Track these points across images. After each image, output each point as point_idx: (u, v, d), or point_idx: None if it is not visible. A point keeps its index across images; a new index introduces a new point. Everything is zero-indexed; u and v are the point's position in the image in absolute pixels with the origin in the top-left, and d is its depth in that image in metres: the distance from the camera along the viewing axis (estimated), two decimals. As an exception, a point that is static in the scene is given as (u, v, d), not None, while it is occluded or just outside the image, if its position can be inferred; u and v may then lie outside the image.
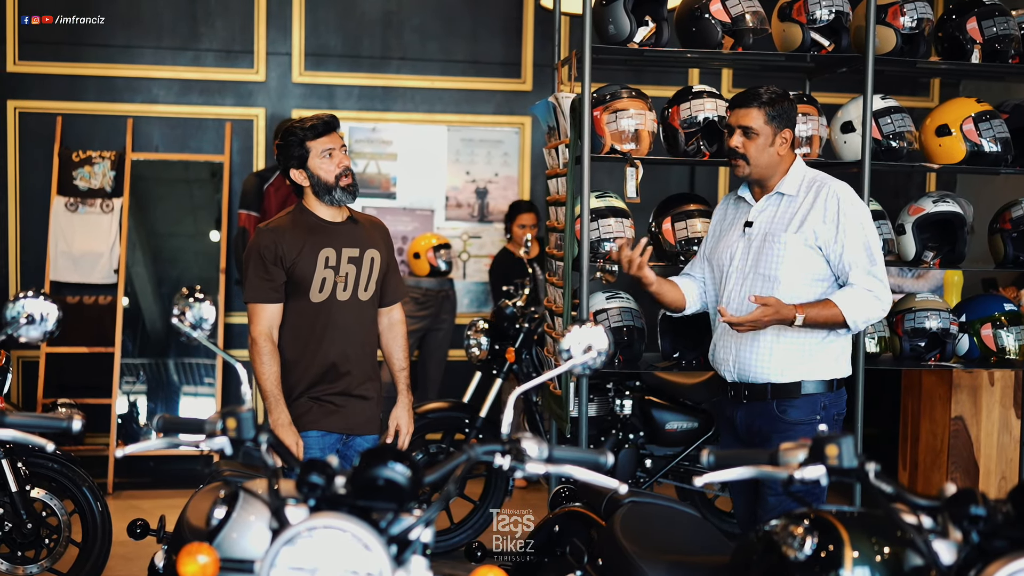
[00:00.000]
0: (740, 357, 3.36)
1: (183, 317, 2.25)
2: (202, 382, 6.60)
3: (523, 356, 5.31)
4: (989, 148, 4.17)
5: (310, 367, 3.47)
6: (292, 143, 3.42)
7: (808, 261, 3.29)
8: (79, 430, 2.30)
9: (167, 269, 6.70)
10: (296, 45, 6.82)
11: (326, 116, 3.47)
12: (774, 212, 3.37)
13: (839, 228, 3.25)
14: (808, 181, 3.37)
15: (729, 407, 3.44)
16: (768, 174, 3.37)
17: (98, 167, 6.57)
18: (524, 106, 7.04)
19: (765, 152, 3.33)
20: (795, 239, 3.29)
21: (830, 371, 3.34)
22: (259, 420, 2.06)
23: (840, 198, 3.28)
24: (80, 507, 4.37)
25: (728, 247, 3.44)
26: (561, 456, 2.12)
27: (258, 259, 3.44)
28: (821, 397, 3.33)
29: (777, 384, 3.31)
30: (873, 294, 3.25)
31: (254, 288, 3.45)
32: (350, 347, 3.50)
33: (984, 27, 4.16)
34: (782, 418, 3.31)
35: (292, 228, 3.46)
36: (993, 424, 5.15)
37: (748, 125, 3.32)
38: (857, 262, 3.25)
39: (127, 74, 6.70)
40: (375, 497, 1.89)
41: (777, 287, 3.29)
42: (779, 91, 3.37)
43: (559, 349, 2.23)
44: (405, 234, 6.90)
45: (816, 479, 2.00)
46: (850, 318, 3.23)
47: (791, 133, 3.35)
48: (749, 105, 3.33)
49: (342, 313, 3.48)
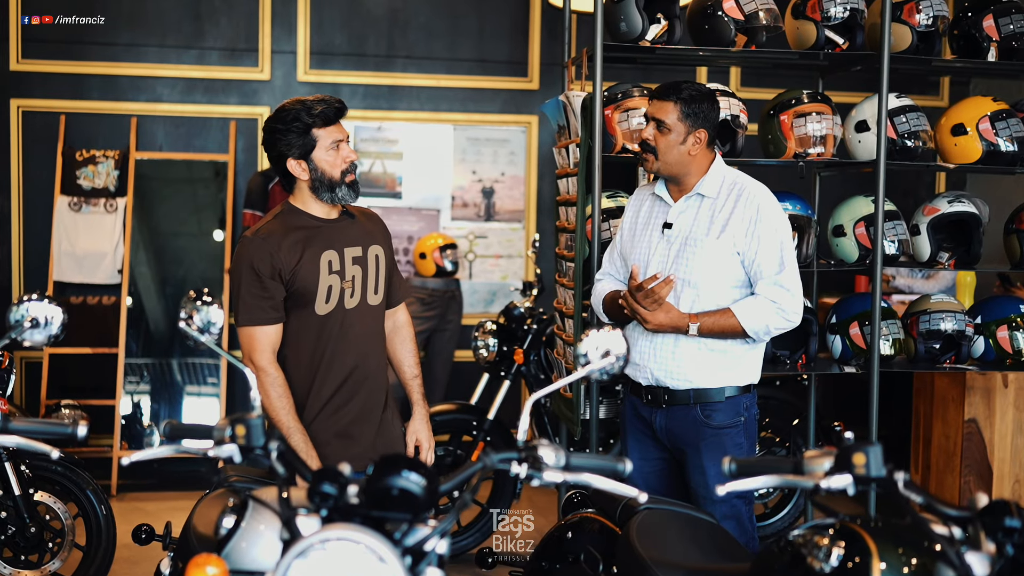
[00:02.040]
0: (661, 362, 3.26)
1: (191, 321, 2.19)
2: (206, 382, 6.55)
3: (531, 358, 5.25)
4: (1006, 147, 4.11)
5: (319, 391, 3.04)
6: (296, 130, 2.95)
7: (729, 267, 3.20)
8: (84, 436, 2.25)
9: (171, 269, 6.64)
10: (301, 43, 6.77)
11: (336, 101, 3.01)
12: (694, 214, 3.26)
13: (754, 235, 3.17)
14: (729, 183, 3.26)
15: (644, 410, 3.35)
16: (677, 172, 3.26)
17: (102, 166, 6.52)
18: (531, 105, 6.98)
19: (675, 149, 3.22)
20: (716, 244, 3.19)
21: (748, 376, 3.30)
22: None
23: (760, 203, 3.20)
24: (84, 510, 4.32)
25: (646, 247, 3.32)
26: (579, 464, 2.07)
27: (251, 274, 2.95)
28: (743, 398, 3.28)
29: (700, 389, 3.24)
30: (776, 304, 3.16)
31: (250, 309, 2.97)
32: (363, 361, 3.08)
33: (1001, 24, 4.10)
34: (707, 423, 3.24)
35: (285, 233, 2.99)
36: (1007, 427, 5.09)
37: (661, 119, 3.21)
38: (766, 270, 3.17)
39: (131, 73, 6.65)
40: (389, 507, 1.84)
41: (698, 292, 3.21)
42: (703, 90, 3.26)
43: (576, 354, 2.18)
44: (411, 234, 6.85)
45: (843, 488, 1.95)
46: (749, 327, 3.16)
47: (706, 134, 3.24)
48: (666, 98, 3.21)
49: (352, 323, 3.05)
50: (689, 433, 3.26)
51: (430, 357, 6.56)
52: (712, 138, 3.27)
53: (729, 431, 3.24)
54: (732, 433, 3.25)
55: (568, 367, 4.08)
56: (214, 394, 6.52)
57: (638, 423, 3.40)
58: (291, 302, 3.01)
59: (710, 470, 3.22)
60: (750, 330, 3.17)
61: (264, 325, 2.98)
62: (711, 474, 3.21)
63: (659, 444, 3.37)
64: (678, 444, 3.30)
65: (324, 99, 2.99)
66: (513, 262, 7.07)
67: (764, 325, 3.18)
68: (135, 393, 6.41)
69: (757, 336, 3.20)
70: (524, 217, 7.06)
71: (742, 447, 3.26)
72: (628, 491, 2.07)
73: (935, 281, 6.67)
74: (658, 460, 3.40)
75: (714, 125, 3.28)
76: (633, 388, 3.38)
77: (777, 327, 3.20)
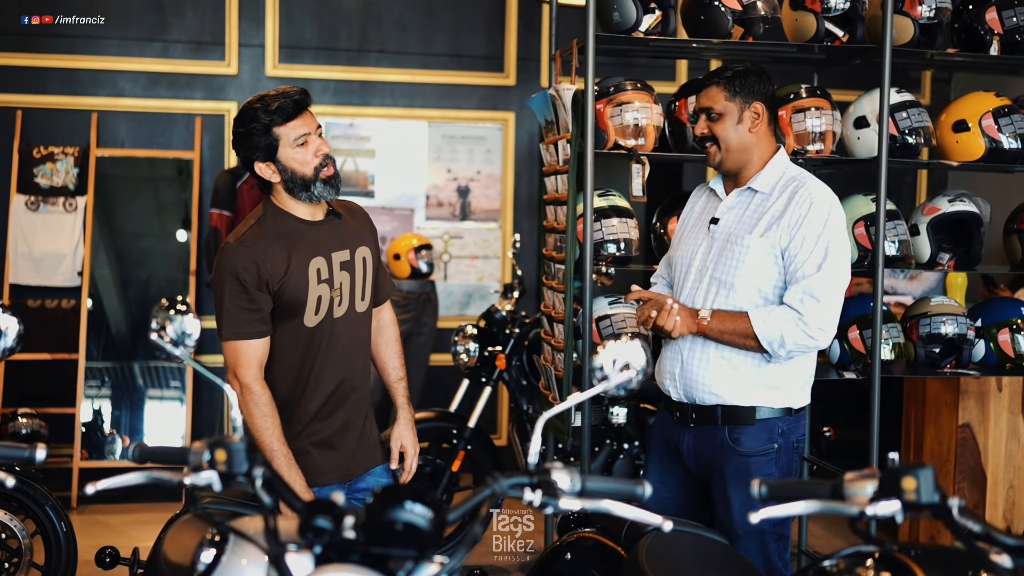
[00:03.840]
0: (686, 371, 3.00)
1: (163, 332, 1.97)
2: (168, 386, 6.30)
3: (513, 363, 5.06)
4: (1009, 144, 3.96)
5: (306, 406, 2.88)
6: (255, 131, 2.74)
7: (768, 269, 2.93)
8: (43, 459, 2.02)
9: (133, 271, 6.38)
10: (270, 36, 6.52)
11: (295, 92, 2.78)
12: (743, 210, 3.01)
13: (799, 233, 2.88)
14: (787, 179, 3.00)
15: (673, 430, 3.08)
16: (744, 159, 3.01)
17: (60, 164, 6.24)
18: (507, 101, 6.79)
19: (733, 131, 2.98)
20: (759, 243, 2.92)
21: (788, 398, 2.98)
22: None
23: (814, 201, 2.91)
24: (42, 527, 4.08)
25: (692, 245, 3.10)
26: (595, 489, 1.88)
27: (236, 285, 2.75)
28: (778, 422, 2.95)
29: (728, 407, 2.95)
30: (799, 315, 2.84)
31: (235, 322, 2.75)
32: (349, 371, 2.93)
33: (1004, 17, 3.95)
34: (734, 448, 2.94)
35: (270, 240, 2.79)
36: (1001, 431, 4.97)
37: (710, 106, 3.00)
38: (801, 271, 2.87)
39: (91, 66, 6.37)
40: (391, 543, 1.64)
41: (732, 294, 2.94)
42: (746, 65, 3.05)
43: (592, 367, 1.98)
44: (384, 234, 6.62)
45: (891, 515, 1.77)
46: (761, 334, 2.85)
47: (762, 106, 2.99)
48: (708, 84, 3.02)
49: (340, 332, 2.89)
50: (715, 457, 2.97)
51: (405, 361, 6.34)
52: (772, 114, 3.04)
53: (758, 459, 2.93)
54: (761, 462, 2.92)
55: (558, 374, 3.89)
56: (177, 398, 6.27)
57: (663, 442, 3.16)
58: (278, 313, 2.82)
59: (734, 500, 2.92)
60: (763, 339, 2.86)
61: (251, 339, 2.77)
62: (735, 505, 2.91)
63: (683, 467, 3.10)
64: (704, 468, 3.03)
65: (283, 92, 2.77)
66: (489, 263, 6.87)
67: (779, 335, 2.85)
68: (96, 399, 6.15)
69: (772, 349, 2.87)
70: (500, 217, 6.86)
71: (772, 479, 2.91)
72: (652, 519, 1.88)
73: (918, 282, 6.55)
74: (676, 486, 3.13)
75: (769, 97, 3.02)
76: (666, 403, 3.14)
77: (796, 342, 2.86)
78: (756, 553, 2.91)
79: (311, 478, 2.83)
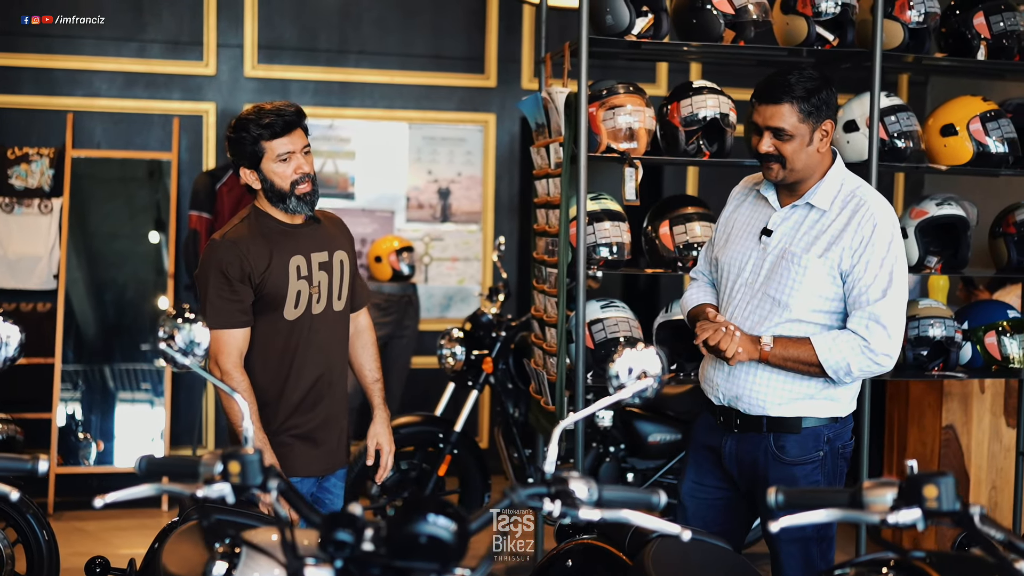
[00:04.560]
0: (734, 384, 2.92)
1: (172, 342, 1.93)
2: (139, 388, 6.22)
3: (500, 366, 5.04)
4: (996, 148, 3.99)
5: (287, 396, 3.04)
6: (244, 140, 2.95)
7: (827, 291, 2.83)
8: (45, 472, 1.99)
9: (110, 273, 6.28)
10: (248, 37, 6.45)
11: (288, 112, 2.97)
12: (799, 225, 2.88)
13: (863, 257, 2.78)
14: (846, 194, 2.86)
15: (715, 433, 3.02)
16: (807, 175, 2.87)
17: (35, 165, 6.13)
18: (488, 103, 6.76)
19: (802, 153, 2.82)
20: (818, 264, 2.81)
21: (835, 408, 2.91)
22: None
23: (879, 222, 2.79)
24: (24, 536, 3.99)
25: (740, 254, 2.97)
26: (612, 498, 1.86)
27: (220, 277, 2.94)
28: (824, 430, 2.89)
29: (774, 417, 2.89)
30: (864, 342, 2.76)
31: (218, 312, 2.94)
32: (328, 368, 3.10)
33: (992, 22, 3.98)
34: (779, 456, 2.88)
35: (253, 237, 2.99)
36: (984, 433, 5.02)
37: (779, 127, 2.80)
38: (866, 297, 2.78)
39: (66, 66, 6.27)
40: (414, 556, 1.61)
41: (785, 313, 2.85)
42: (815, 76, 2.83)
43: (608, 375, 1.96)
44: (364, 236, 6.57)
45: (912, 523, 1.76)
46: (826, 363, 2.77)
47: (833, 124, 2.85)
48: (779, 101, 2.79)
49: (318, 329, 3.06)
50: (759, 465, 2.90)
51: (386, 365, 6.29)
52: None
53: (803, 467, 2.86)
54: (807, 470, 2.86)
55: (550, 378, 3.87)
56: (147, 401, 6.18)
57: (703, 445, 3.07)
58: (260, 306, 3.01)
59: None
60: (828, 367, 2.77)
61: (233, 328, 2.97)
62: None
63: (723, 471, 3.02)
64: (747, 475, 2.94)
65: (278, 109, 2.98)
66: (470, 265, 6.84)
67: (845, 363, 2.77)
68: (69, 402, 6.06)
69: (837, 376, 2.79)
70: (481, 219, 6.83)
71: (818, 486, 2.85)
72: (671, 528, 1.86)
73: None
74: (715, 488, 3.04)
75: (835, 109, 2.88)
76: (708, 406, 3.06)
77: (862, 369, 2.78)
78: (799, 559, 2.87)
79: (292, 470, 3.01)
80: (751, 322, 2.90)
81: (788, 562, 2.88)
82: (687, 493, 3.09)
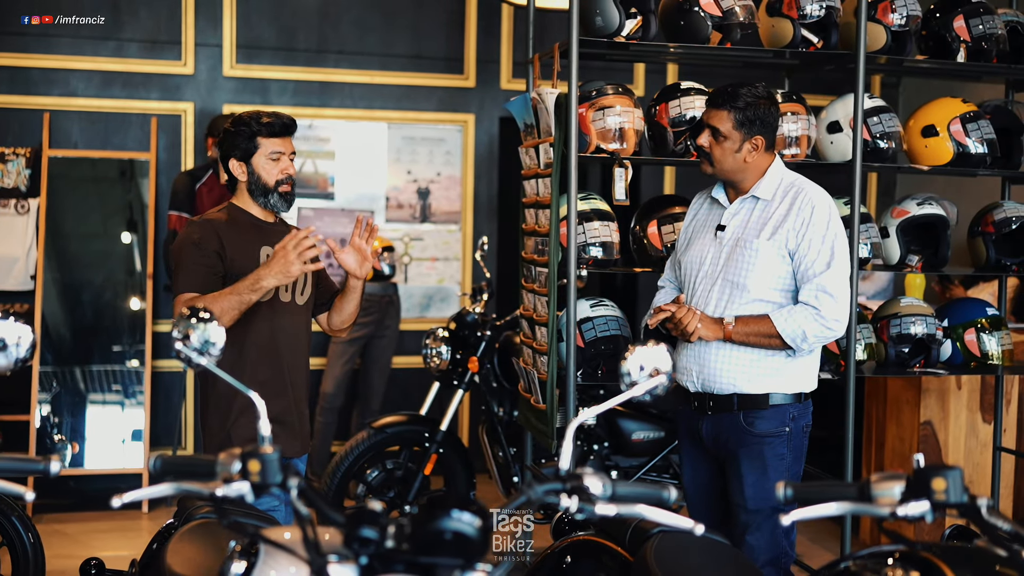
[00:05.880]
0: (705, 366, 3.24)
1: (187, 341, 1.93)
2: (109, 389, 6.17)
3: (485, 365, 5.05)
4: (975, 149, 4.08)
5: (254, 373, 3.16)
6: (242, 133, 3.23)
7: (778, 270, 3.17)
8: (58, 472, 1.98)
9: (82, 273, 6.23)
10: (227, 36, 6.42)
11: (286, 118, 3.29)
12: (747, 216, 3.24)
13: (805, 235, 3.13)
14: (786, 185, 3.24)
15: (693, 419, 3.33)
16: (735, 177, 3.25)
17: (12, 165, 6.07)
18: (467, 103, 6.78)
19: (730, 156, 3.20)
20: (767, 246, 3.16)
21: (798, 384, 3.24)
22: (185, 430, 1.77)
23: (816, 204, 3.16)
24: (8, 539, 3.96)
25: (700, 251, 3.33)
26: (625, 494, 1.89)
27: (193, 248, 3.14)
28: (790, 408, 3.22)
29: (744, 395, 3.21)
30: (815, 311, 3.11)
31: (190, 276, 3.12)
32: (294, 355, 3.31)
33: (972, 25, 4.06)
34: (750, 431, 3.20)
35: (228, 223, 3.24)
36: (961, 428, 5.10)
37: (717, 126, 3.20)
38: (811, 270, 3.13)
39: (42, 64, 6.21)
40: (439, 552, 1.63)
41: (745, 295, 3.18)
42: (760, 94, 3.20)
43: (620, 373, 1.99)
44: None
45: (920, 515, 1.81)
46: (785, 333, 3.11)
47: (763, 140, 3.20)
48: (721, 106, 3.19)
49: (286, 317, 3.28)
50: (732, 440, 3.22)
51: (367, 364, 6.30)
52: (770, 142, 3.23)
53: (771, 440, 3.18)
54: (775, 443, 3.19)
55: (541, 377, 3.89)
56: (117, 401, 6.14)
57: (688, 433, 3.39)
58: (231, 283, 3.16)
59: (747, 478, 3.18)
60: (786, 336, 3.11)
61: (203, 292, 3.11)
62: (748, 482, 3.18)
63: (709, 454, 3.33)
64: (722, 453, 3.27)
65: (277, 114, 3.28)
66: (450, 265, 6.85)
67: (801, 331, 3.11)
68: (44, 403, 5.99)
69: (795, 344, 3.13)
70: (461, 219, 6.84)
71: (783, 459, 3.20)
72: (684, 523, 1.89)
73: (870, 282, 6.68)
74: (707, 470, 3.37)
75: (772, 129, 3.24)
76: (684, 396, 3.36)
77: (816, 335, 3.13)
78: (765, 529, 3.15)
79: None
80: (714, 307, 3.23)
81: (755, 531, 3.18)
82: (688, 483, 3.41)
